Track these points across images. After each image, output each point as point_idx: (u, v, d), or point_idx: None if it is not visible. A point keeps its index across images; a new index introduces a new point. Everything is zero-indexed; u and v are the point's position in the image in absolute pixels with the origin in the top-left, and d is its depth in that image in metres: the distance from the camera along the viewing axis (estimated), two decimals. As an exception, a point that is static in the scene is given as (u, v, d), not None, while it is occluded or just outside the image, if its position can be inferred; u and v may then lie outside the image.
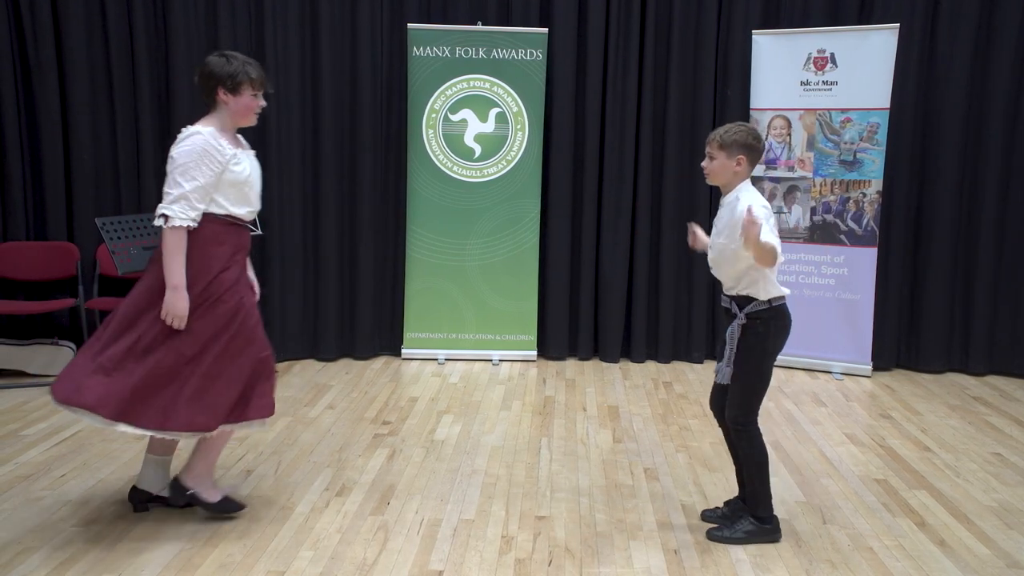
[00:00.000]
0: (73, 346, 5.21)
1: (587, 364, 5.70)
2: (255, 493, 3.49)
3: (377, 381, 5.19)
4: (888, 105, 5.18)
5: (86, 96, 5.25)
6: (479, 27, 5.44)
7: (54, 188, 5.28)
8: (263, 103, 3.16)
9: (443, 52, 5.43)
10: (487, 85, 5.49)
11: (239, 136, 3.22)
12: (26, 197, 5.28)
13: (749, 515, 3.18)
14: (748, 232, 2.87)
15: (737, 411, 3.12)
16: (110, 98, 5.30)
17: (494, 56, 5.44)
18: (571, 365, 5.68)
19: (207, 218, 3.05)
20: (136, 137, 5.33)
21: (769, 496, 3.17)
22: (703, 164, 3.15)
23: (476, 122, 5.51)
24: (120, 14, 5.22)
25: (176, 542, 3.07)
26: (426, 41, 5.41)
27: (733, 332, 3.10)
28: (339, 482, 3.63)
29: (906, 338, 5.62)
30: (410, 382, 5.19)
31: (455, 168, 5.55)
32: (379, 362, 5.65)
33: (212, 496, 3.25)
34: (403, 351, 5.68)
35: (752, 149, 3.06)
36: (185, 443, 3.28)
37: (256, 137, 5.42)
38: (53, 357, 5.15)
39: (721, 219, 3.12)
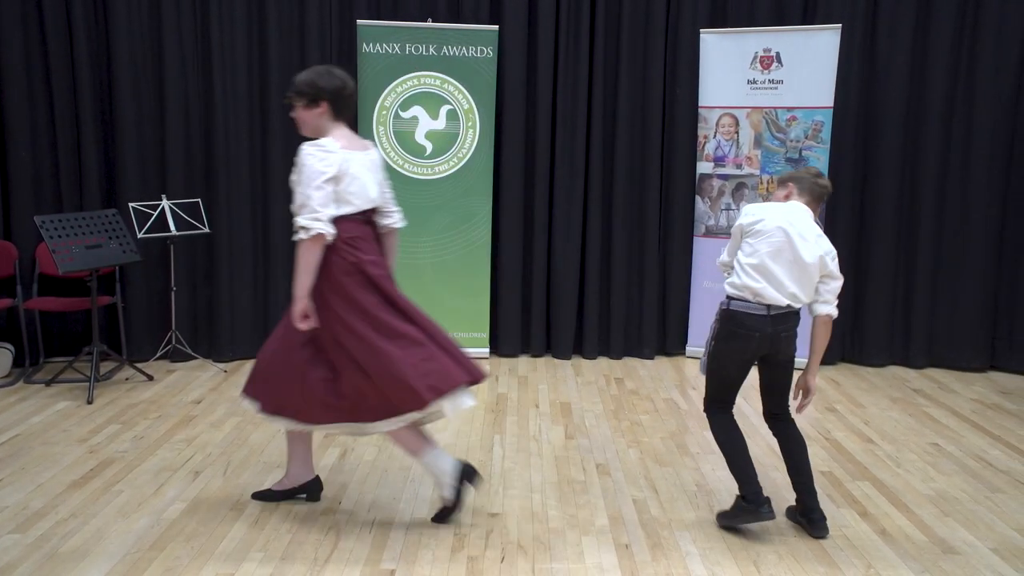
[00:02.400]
0: (11, 347, 5.09)
1: (540, 361, 5.73)
2: (203, 495, 3.45)
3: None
4: (832, 104, 5.30)
5: (23, 92, 5.13)
6: (429, 24, 5.43)
7: (-10, 185, 5.16)
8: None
9: (393, 49, 5.40)
10: (438, 82, 5.47)
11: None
12: (-40, 195, 5.15)
13: (740, 497, 3.26)
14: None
15: (704, 397, 3.39)
16: (48, 94, 5.18)
17: (445, 53, 5.42)
18: (524, 362, 5.69)
19: None
20: (77, 134, 5.23)
21: (745, 476, 3.22)
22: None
23: (427, 119, 5.49)
24: (58, 10, 5.10)
25: (121, 546, 3.02)
26: (376, 37, 5.38)
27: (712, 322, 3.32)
28: (290, 482, 3.59)
29: (850, 333, 5.75)
30: (362, 381, 5.16)
31: (406, 165, 5.53)
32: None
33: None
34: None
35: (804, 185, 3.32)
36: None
37: (204, 136, 5.37)
38: (-10, 359, 5.03)
39: None
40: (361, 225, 3.14)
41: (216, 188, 5.38)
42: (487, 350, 5.70)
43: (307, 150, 3.01)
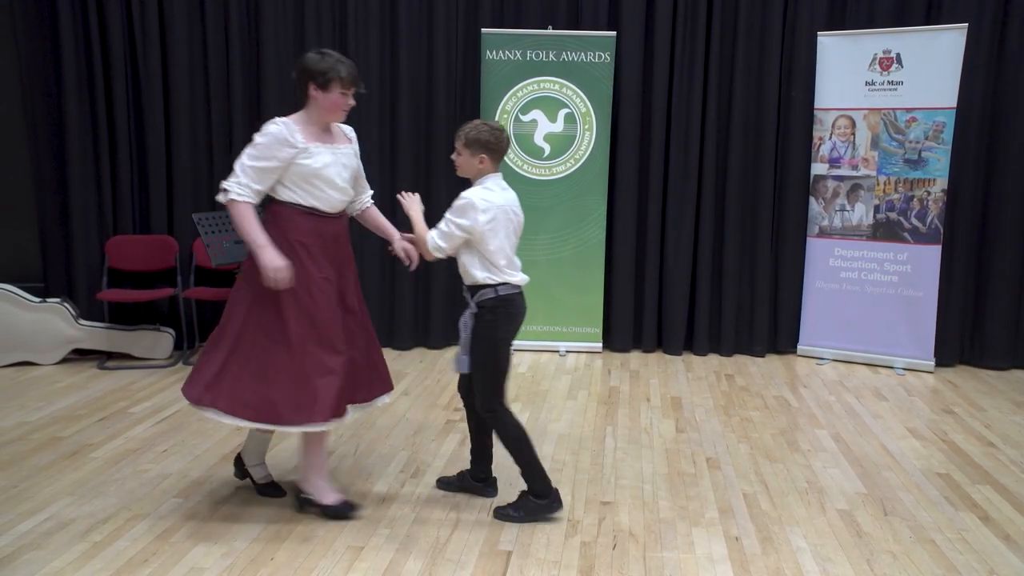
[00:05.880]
0: (172, 332, 5.55)
1: (651, 356, 5.81)
2: (335, 474, 3.68)
3: (449, 369, 5.37)
4: (955, 104, 5.17)
5: (186, 100, 5.58)
6: (549, 31, 5.58)
7: (157, 186, 5.64)
8: (352, 102, 3.21)
9: (515, 55, 5.58)
10: (556, 87, 5.63)
11: (339, 128, 3.32)
12: (133, 194, 5.64)
13: (529, 494, 3.29)
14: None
15: (481, 398, 3.26)
16: (207, 101, 5.63)
17: (563, 59, 5.57)
18: (635, 357, 5.79)
19: (278, 203, 3.18)
20: (230, 137, 5.65)
21: (541, 471, 3.27)
22: (453, 157, 3.28)
23: (546, 122, 5.66)
24: (218, 24, 5.54)
25: (264, 516, 3.28)
26: (499, 45, 5.57)
27: (466, 321, 3.21)
28: (414, 465, 3.80)
29: (970, 334, 5.60)
30: (480, 372, 5.37)
31: (525, 166, 5.72)
32: (451, 351, 5.82)
33: (327, 498, 3.32)
34: (468, 342, 5.87)
35: (492, 148, 3.17)
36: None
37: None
38: (155, 342, 5.50)
39: None
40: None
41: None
42: (600, 344, 5.83)
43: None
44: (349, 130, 3.39)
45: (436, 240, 3.18)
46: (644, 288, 5.84)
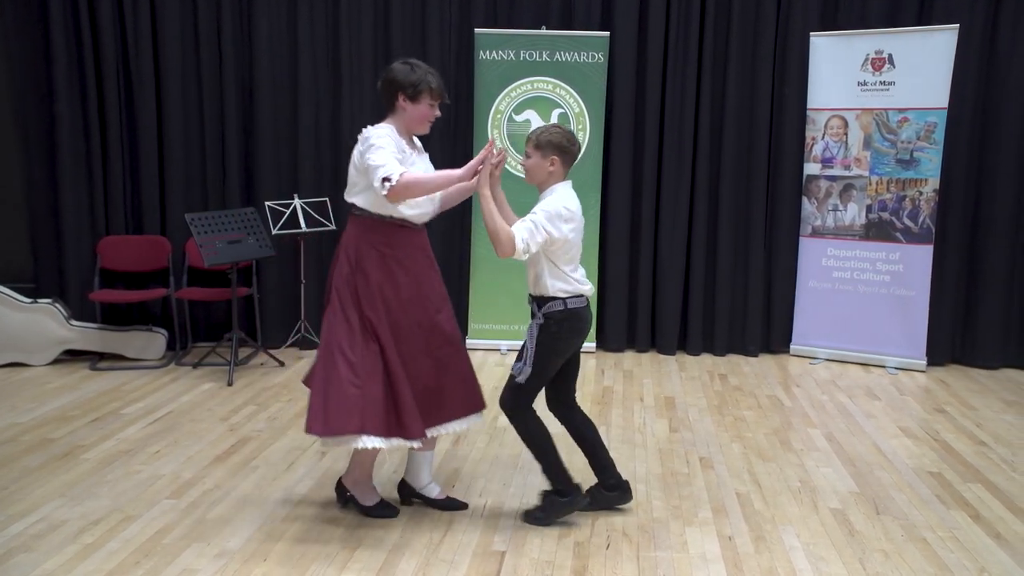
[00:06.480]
0: (165, 332, 5.54)
1: (644, 356, 5.82)
2: (329, 474, 3.67)
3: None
4: (946, 105, 5.19)
5: (178, 101, 5.58)
6: (543, 31, 5.59)
7: (149, 185, 5.63)
8: (438, 113, 3.18)
9: (508, 55, 5.59)
10: (550, 87, 5.63)
11: (415, 140, 3.26)
12: (125, 194, 5.63)
13: (552, 493, 3.27)
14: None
15: (512, 394, 3.22)
16: (199, 101, 5.62)
17: (557, 59, 5.58)
18: (629, 357, 5.80)
19: (371, 217, 3.14)
20: (222, 137, 5.64)
21: (562, 470, 3.23)
22: (521, 161, 3.23)
23: (539, 122, 5.64)
24: (210, 24, 5.53)
25: (257, 517, 3.28)
26: (492, 45, 5.58)
27: (532, 332, 3.15)
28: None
29: (961, 334, 5.62)
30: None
31: (519, 167, 5.71)
32: (446, 352, 5.84)
33: (368, 500, 3.34)
34: (468, 341, 5.85)
35: (565, 151, 3.13)
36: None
37: (331, 140, 5.69)
38: (148, 342, 5.48)
39: None
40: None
41: (343, 188, 5.67)
42: (593, 344, 5.83)
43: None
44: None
45: (526, 240, 3.03)
46: (637, 288, 5.85)
